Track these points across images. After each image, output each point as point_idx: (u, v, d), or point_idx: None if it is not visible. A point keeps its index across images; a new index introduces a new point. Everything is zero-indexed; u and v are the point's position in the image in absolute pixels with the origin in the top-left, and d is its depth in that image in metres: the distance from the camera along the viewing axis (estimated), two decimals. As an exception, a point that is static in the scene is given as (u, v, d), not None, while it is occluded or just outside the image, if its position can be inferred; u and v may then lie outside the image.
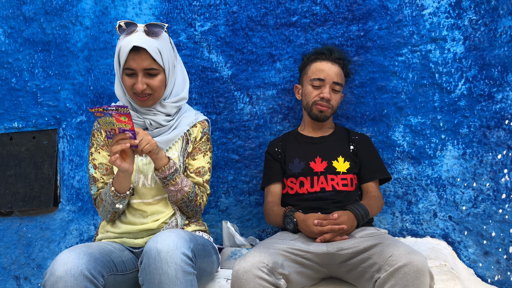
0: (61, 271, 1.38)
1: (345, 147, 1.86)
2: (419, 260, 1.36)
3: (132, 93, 1.66)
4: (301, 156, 1.85)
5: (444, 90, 1.99)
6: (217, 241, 2.13)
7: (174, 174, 1.62)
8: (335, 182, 1.79)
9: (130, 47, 1.59)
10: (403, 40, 2.02)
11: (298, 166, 1.84)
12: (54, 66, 2.31)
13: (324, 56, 1.87)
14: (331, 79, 1.83)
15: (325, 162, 1.82)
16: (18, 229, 2.31)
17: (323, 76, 1.83)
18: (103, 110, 1.43)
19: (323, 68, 1.84)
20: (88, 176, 1.74)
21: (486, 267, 1.93)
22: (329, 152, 1.84)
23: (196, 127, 1.76)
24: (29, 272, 2.28)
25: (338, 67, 1.86)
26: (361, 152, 1.86)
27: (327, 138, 1.90)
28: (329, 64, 1.85)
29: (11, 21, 2.34)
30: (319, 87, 1.84)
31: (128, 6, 2.25)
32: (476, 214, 1.95)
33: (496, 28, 1.95)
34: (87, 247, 1.50)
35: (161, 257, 1.37)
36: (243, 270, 1.43)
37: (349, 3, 2.07)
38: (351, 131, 1.93)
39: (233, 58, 2.16)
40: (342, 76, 1.88)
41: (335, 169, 1.81)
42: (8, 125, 2.34)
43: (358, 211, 1.65)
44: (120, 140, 1.49)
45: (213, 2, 2.18)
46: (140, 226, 1.67)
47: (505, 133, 1.93)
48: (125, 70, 1.63)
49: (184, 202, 1.67)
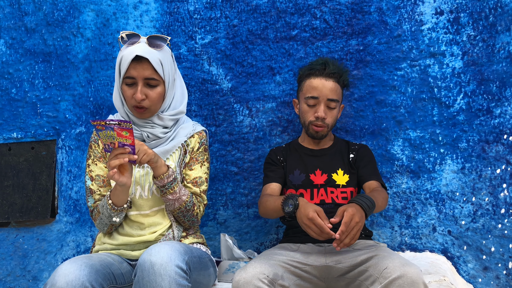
0: (62, 282, 1.37)
1: (344, 158, 1.85)
2: (413, 272, 1.35)
3: (131, 105, 1.66)
4: (302, 168, 1.84)
5: (443, 104, 2.00)
6: (215, 254, 2.12)
7: (172, 183, 1.62)
8: (334, 195, 1.78)
9: (133, 56, 1.60)
10: (402, 54, 2.04)
11: (298, 178, 1.83)
12: (55, 77, 2.31)
13: (317, 72, 1.81)
14: (325, 97, 1.78)
15: (325, 175, 1.81)
16: (14, 240, 2.29)
17: (317, 94, 1.78)
18: (105, 124, 1.42)
19: (316, 86, 1.79)
20: (85, 188, 1.73)
21: (485, 283, 1.92)
22: (329, 164, 1.84)
23: (193, 138, 1.76)
24: (25, 284, 2.25)
25: (333, 81, 1.79)
26: (360, 159, 1.85)
27: (327, 151, 1.88)
28: (322, 80, 1.79)
29: (12, 31, 2.36)
30: (314, 106, 1.80)
31: (129, 18, 2.26)
32: (475, 228, 1.94)
33: (494, 44, 1.97)
34: (88, 258, 1.49)
35: (154, 269, 1.36)
36: (243, 281, 1.42)
37: (349, 17, 2.09)
38: (351, 143, 1.92)
39: (233, 71, 2.17)
40: (337, 91, 1.81)
41: (334, 182, 1.80)
42: (7, 135, 2.34)
43: (362, 201, 1.55)
44: (119, 155, 1.48)
45: (213, 15, 2.20)
46: (137, 238, 1.66)
47: (503, 147, 1.93)
48: (126, 79, 1.63)
49: (181, 211, 1.66)
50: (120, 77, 1.66)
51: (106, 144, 1.49)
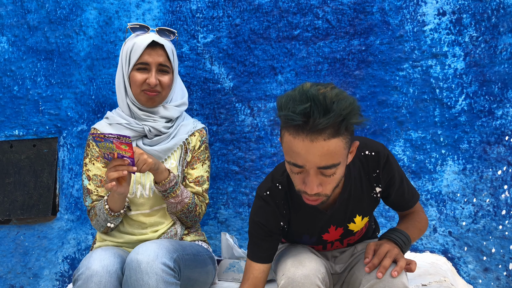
0: (97, 266, 1.39)
1: (364, 197, 1.38)
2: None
3: (141, 90, 1.66)
4: (311, 231, 1.41)
5: (445, 105, 2.00)
6: (216, 252, 2.12)
7: (174, 187, 1.61)
8: (350, 241, 1.48)
9: (149, 41, 1.64)
10: (404, 55, 2.04)
11: (309, 241, 1.45)
12: (57, 75, 2.32)
13: (298, 128, 1.12)
14: (313, 165, 1.14)
15: (340, 228, 1.41)
16: (15, 238, 2.29)
17: (301, 162, 1.15)
18: (104, 136, 1.41)
19: (298, 151, 1.13)
20: (82, 187, 1.72)
21: (486, 284, 1.92)
22: (343, 216, 1.39)
23: (194, 136, 1.76)
24: (25, 281, 2.26)
25: (325, 140, 1.11)
26: (390, 184, 1.38)
27: (339, 200, 1.36)
28: (306, 142, 1.11)
29: (15, 29, 2.36)
30: (301, 173, 1.19)
31: (132, 17, 2.27)
32: (476, 230, 1.94)
33: (496, 45, 1.97)
34: (116, 250, 1.52)
35: (141, 268, 1.37)
36: (302, 275, 1.22)
37: (351, 18, 2.09)
38: (365, 164, 1.35)
39: (235, 70, 2.18)
40: (336, 151, 1.13)
41: (352, 232, 1.42)
42: (8, 133, 2.34)
43: (396, 236, 1.29)
44: (118, 166, 1.46)
45: (216, 14, 2.20)
46: (139, 236, 1.66)
47: (505, 149, 1.93)
48: (138, 65, 1.65)
49: (183, 213, 1.66)
50: (128, 64, 1.67)
51: (105, 153, 1.47)
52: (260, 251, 1.35)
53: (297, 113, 1.09)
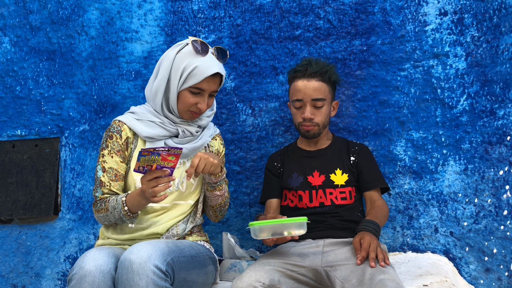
0: (90, 266, 1.40)
1: (343, 158, 1.83)
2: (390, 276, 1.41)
3: (188, 110, 1.70)
4: (299, 171, 1.83)
5: (446, 105, 1.99)
6: (217, 252, 2.12)
7: (223, 180, 1.73)
8: (333, 196, 1.77)
9: (213, 72, 1.65)
10: (405, 55, 2.03)
11: (296, 180, 1.82)
12: (59, 75, 2.32)
13: (299, 74, 1.80)
14: (309, 97, 1.76)
15: (323, 175, 1.80)
16: (17, 237, 2.30)
17: (301, 96, 1.77)
18: (153, 150, 1.40)
19: (299, 88, 1.78)
20: (95, 178, 1.70)
21: (487, 284, 1.92)
22: (327, 165, 1.82)
23: (216, 140, 1.86)
24: (27, 280, 2.27)
25: (316, 81, 1.77)
26: (362, 162, 1.83)
27: (324, 151, 1.86)
28: (304, 81, 1.78)
29: (17, 30, 2.37)
30: (301, 107, 1.79)
31: (134, 17, 2.27)
32: (477, 230, 1.94)
33: (498, 45, 1.96)
34: (111, 249, 1.52)
35: (133, 268, 1.37)
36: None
37: (353, 18, 2.09)
38: (350, 142, 1.89)
39: (237, 70, 2.18)
40: (322, 89, 1.78)
41: (333, 183, 1.78)
42: (11, 133, 2.35)
43: (371, 227, 1.61)
44: (159, 179, 1.47)
45: (217, 14, 2.21)
46: (142, 232, 1.67)
47: (507, 149, 1.93)
48: (194, 88, 1.67)
49: (221, 206, 1.79)
50: (182, 82, 1.67)
51: (141, 166, 1.46)
52: (271, 188, 1.88)
53: (300, 65, 1.82)
